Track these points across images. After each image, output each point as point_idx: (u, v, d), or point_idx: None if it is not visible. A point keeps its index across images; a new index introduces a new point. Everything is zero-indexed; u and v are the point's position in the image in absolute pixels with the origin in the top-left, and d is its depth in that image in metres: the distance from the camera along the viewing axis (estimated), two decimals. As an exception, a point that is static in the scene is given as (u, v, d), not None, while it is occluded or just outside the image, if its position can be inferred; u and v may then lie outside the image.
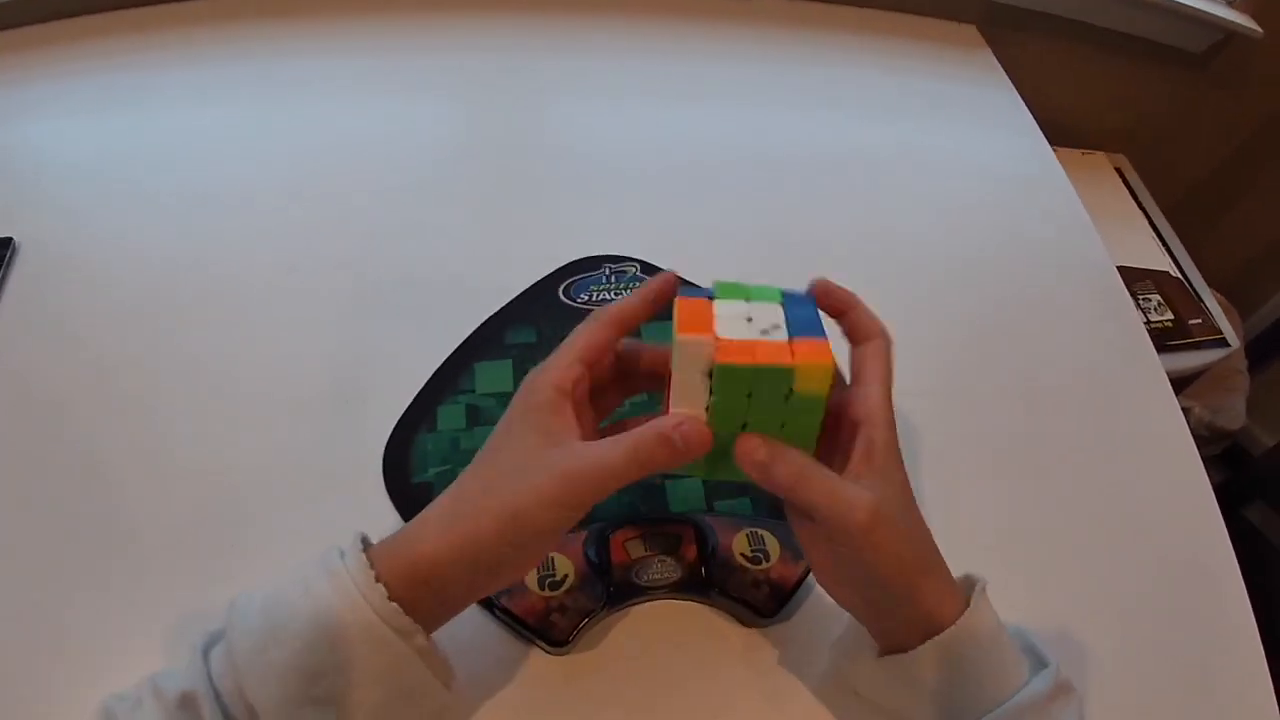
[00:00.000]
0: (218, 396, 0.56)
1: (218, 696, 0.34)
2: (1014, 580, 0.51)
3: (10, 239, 0.64)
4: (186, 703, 0.34)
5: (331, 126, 0.76)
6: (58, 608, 0.47)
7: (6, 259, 0.63)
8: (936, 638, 0.37)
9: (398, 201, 0.70)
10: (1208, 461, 1.33)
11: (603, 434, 0.38)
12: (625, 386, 0.42)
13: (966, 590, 0.38)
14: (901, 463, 0.38)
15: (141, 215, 0.68)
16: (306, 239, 0.66)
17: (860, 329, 0.40)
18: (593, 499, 0.35)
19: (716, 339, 0.34)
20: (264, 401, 0.56)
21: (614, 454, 0.35)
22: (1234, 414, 1.16)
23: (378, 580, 0.34)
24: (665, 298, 0.39)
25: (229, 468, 0.53)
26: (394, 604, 0.34)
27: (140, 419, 0.55)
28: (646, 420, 0.36)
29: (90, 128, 0.76)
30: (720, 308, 0.36)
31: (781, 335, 0.35)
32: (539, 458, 0.36)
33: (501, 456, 0.37)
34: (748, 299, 0.37)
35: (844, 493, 0.35)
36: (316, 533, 0.38)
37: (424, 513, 0.37)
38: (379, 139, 0.75)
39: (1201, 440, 1.18)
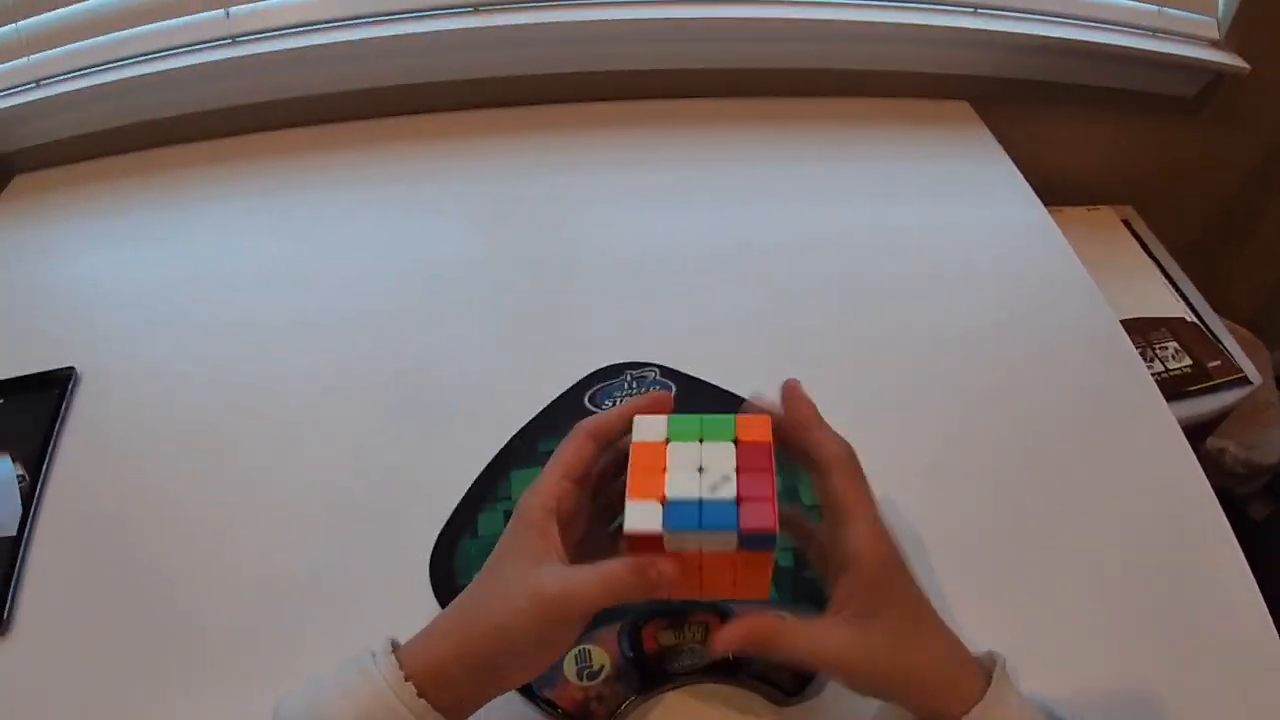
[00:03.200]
0: (267, 510, 0.61)
1: None
2: (1047, 642, 0.53)
3: (72, 369, 0.70)
4: None
5: (363, 253, 0.82)
6: (124, 713, 0.51)
7: (70, 388, 0.69)
8: None
9: (427, 320, 0.75)
10: (1250, 497, 1.30)
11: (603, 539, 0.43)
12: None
13: (985, 674, 0.40)
14: (896, 579, 0.40)
15: (188, 341, 0.74)
16: (343, 359, 0.72)
17: (823, 453, 0.40)
18: (569, 621, 0.38)
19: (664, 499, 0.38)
20: (314, 513, 0.61)
21: (587, 583, 0.38)
22: (1270, 447, 1.16)
23: (407, 679, 0.38)
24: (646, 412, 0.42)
25: (282, 579, 0.57)
26: (422, 700, 0.38)
27: (196, 535, 0.60)
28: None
29: (138, 260, 0.83)
30: (674, 454, 0.39)
31: (730, 490, 0.38)
32: (522, 578, 0.39)
33: (493, 573, 0.41)
34: (701, 439, 0.40)
35: (816, 639, 0.39)
36: (367, 636, 0.41)
37: (436, 619, 0.41)
38: (406, 263, 0.81)
39: (1239, 478, 1.18)
